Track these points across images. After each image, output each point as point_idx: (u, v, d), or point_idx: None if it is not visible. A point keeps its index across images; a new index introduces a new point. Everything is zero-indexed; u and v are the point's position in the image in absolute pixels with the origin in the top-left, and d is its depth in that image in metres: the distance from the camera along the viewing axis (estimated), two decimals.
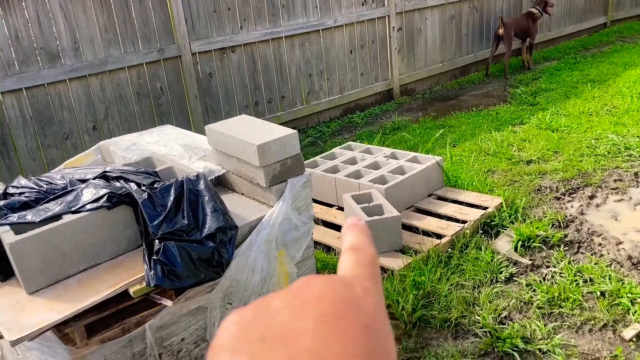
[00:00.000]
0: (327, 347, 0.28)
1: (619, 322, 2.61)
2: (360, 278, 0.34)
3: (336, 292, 0.31)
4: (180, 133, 3.08)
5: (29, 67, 4.07)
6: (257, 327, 0.29)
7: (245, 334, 0.29)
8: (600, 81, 6.45)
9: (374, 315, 0.31)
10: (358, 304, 0.31)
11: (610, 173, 4.13)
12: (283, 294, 0.32)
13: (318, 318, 0.29)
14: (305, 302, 0.30)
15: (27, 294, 1.93)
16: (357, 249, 0.36)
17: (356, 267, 0.35)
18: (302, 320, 0.29)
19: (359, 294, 0.32)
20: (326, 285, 0.32)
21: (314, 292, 0.31)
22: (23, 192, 2.20)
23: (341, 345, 0.28)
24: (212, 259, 2.06)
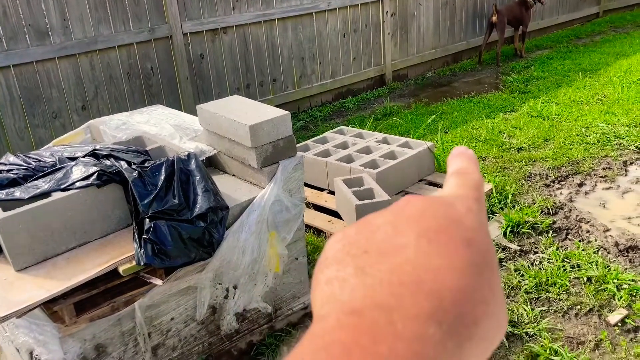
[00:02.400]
0: (429, 259, 0.28)
1: (604, 307, 2.64)
2: (464, 198, 0.33)
3: (437, 210, 0.31)
4: (171, 113, 3.05)
5: (17, 44, 4.00)
6: (360, 242, 0.30)
7: (350, 248, 0.30)
8: (592, 70, 6.47)
9: (476, 231, 0.31)
10: (460, 220, 0.31)
11: (600, 161, 4.16)
12: (384, 213, 0.31)
13: (419, 233, 0.29)
14: (406, 219, 0.30)
15: (15, 271, 1.91)
16: (462, 173, 0.36)
17: (460, 188, 0.34)
18: (403, 235, 0.29)
19: (461, 211, 0.32)
20: (428, 203, 0.31)
21: (415, 210, 0.31)
22: (11, 169, 2.18)
23: (442, 257, 0.28)
24: (202, 238, 2.06)
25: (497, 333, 0.29)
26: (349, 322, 0.26)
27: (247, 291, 2.39)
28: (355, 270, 0.28)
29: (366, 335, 0.25)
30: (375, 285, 0.27)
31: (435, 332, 0.25)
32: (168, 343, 2.22)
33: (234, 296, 2.35)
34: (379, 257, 0.28)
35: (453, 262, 0.28)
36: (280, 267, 2.49)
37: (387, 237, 0.29)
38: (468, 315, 0.27)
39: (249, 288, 2.39)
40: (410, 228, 0.30)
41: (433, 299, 0.26)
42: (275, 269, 2.47)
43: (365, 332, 0.25)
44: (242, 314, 2.42)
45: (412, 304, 0.26)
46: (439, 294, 0.26)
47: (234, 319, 2.39)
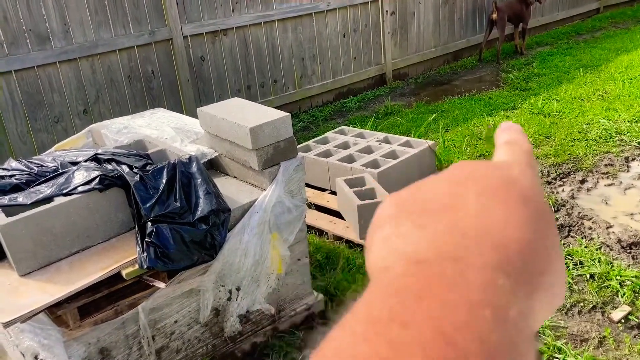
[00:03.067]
0: (490, 213, 0.28)
1: (607, 304, 2.64)
2: (517, 162, 0.34)
3: (493, 171, 0.31)
4: (172, 116, 3.06)
5: (18, 49, 4.02)
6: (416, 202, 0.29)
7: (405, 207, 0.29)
8: (593, 66, 6.46)
9: (531, 190, 0.31)
10: (515, 180, 0.31)
11: (601, 158, 4.16)
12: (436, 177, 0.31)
13: (477, 190, 0.29)
14: (462, 180, 0.30)
15: (19, 276, 1.92)
16: (513, 142, 0.36)
17: (512, 155, 0.35)
18: (461, 193, 0.29)
19: (515, 172, 0.32)
20: (482, 166, 0.32)
21: (470, 171, 0.31)
22: (14, 175, 2.19)
23: (503, 212, 0.28)
24: (204, 241, 2.06)
25: (561, 287, 0.30)
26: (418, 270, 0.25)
27: (250, 293, 2.40)
28: (413, 225, 0.28)
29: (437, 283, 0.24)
30: (439, 238, 0.26)
31: (504, 282, 0.25)
32: (172, 345, 2.22)
33: (237, 298, 2.36)
34: (437, 213, 0.28)
35: (514, 217, 0.28)
36: (282, 269, 2.50)
37: (445, 196, 0.29)
38: (534, 266, 0.27)
39: (252, 290, 2.40)
40: (467, 186, 0.29)
41: (499, 251, 0.26)
42: (277, 270, 2.48)
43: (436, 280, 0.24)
44: (245, 316, 2.43)
45: (479, 254, 0.26)
46: (504, 246, 0.26)
47: (237, 321, 2.40)
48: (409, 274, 0.25)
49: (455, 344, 0.22)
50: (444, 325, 0.22)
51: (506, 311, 0.24)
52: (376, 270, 0.28)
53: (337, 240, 3.37)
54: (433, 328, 0.22)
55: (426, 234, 0.27)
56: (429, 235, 0.27)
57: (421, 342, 0.22)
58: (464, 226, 0.27)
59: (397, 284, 0.25)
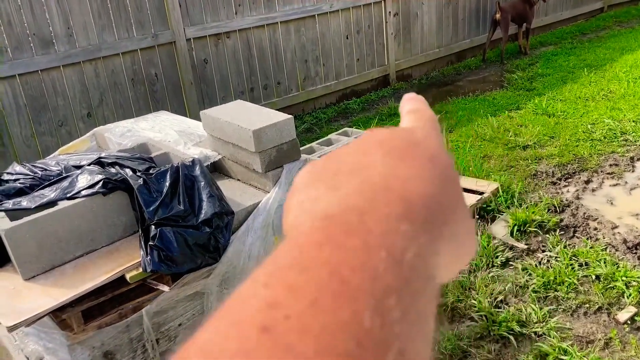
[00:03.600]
0: (397, 170, 0.30)
1: (613, 305, 2.62)
2: (421, 127, 0.36)
3: (399, 135, 0.33)
4: (176, 119, 3.06)
5: (22, 53, 4.03)
6: (329, 167, 0.31)
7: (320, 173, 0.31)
8: (597, 66, 6.44)
9: (435, 149, 0.33)
10: (421, 142, 0.33)
11: (606, 158, 4.14)
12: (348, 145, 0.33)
13: (385, 152, 0.31)
14: (372, 143, 0.32)
15: (23, 280, 1.93)
16: (416, 111, 0.38)
17: (416, 121, 0.37)
18: (371, 155, 0.31)
19: (420, 136, 0.34)
20: (389, 131, 0.34)
21: (379, 136, 0.33)
22: (18, 179, 2.19)
23: (410, 169, 0.30)
24: (208, 244, 2.06)
25: (467, 239, 0.32)
26: (323, 224, 0.27)
27: None
28: (326, 188, 0.29)
29: (339, 232, 0.26)
30: (349, 194, 0.28)
31: (407, 229, 0.26)
32: (176, 349, 2.22)
33: None
34: (348, 175, 0.30)
35: (420, 173, 0.30)
36: None
37: (355, 159, 0.31)
38: (438, 216, 0.29)
39: None
40: (376, 150, 0.31)
41: (404, 202, 0.28)
42: None
43: (338, 230, 0.26)
44: None
45: (384, 205, 0.27)
46: (409, 198, 0.28)
47: None
48: (314, 228, 0.26)
49: (348, 283, 0.23)
50: (340, 267, 0.24)
51: (403, 253, 0.25)
52: (289, 230, 0.29)
53: None
54: (329, 270, 0.24)
55: (336, 193, 0.29)
56: (339, 194, 0.28)
57: (317, 283, 0.23)
58: (372, 183, 0.29)
59: (302, 237, 0.26)
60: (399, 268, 0.25)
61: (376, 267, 0.24)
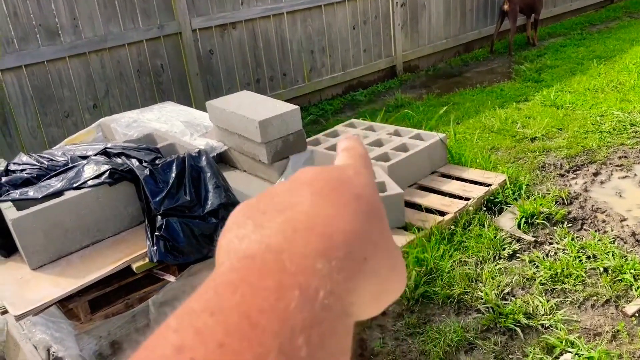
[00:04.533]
0: (321, 209, 0.30)
1: (621, 298, 2.61)
2: (352, 165, 0.37)
3: (329, 173, 0.34)
4: (182, 110, 3.05)
5: (28, 44, 4.03)
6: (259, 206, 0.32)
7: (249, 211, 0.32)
8: (607, 57, 6.37)
9: (365, 188, 0.34)
10: (349, 180, 0.34)
11: (615, 150, 4.10)
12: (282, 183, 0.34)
13: (313, 191, 0.32)
14: (301, 183, 0.33)
15: (31, 269, 1.93)
16: (349, 149, 0.40)
17: (348, 159, 0.38)
18: (299, 195, 0.32)
19: (350, 173, 0.35)
20: (320, 170, 0.35)
21: (309, 176, 0.34)
22: (24, 169, 2.19)
23: (334, 207, 0.31)
24: (214, 235, 2.06)
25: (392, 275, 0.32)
26: (241, 264, 0.27)
27: None
28: (253, 226, 0.30)
29: (254, 273, 0.26)
30: (271, 235, 0.29)
31: (323, 267, 0.27)
32: None
33: None
34: (275, 214, 0.30)
35: (344, 211, 0.31)
36: None
37: (284, 199, 0.32)
38: (357, 252, 0.29)
39: None
40: (305, 189, 0.32)
41: (324, 240, 0.28)
42: None
43: (254, 271, 0.26)
44: None
45: (303, 244, 0.28)
46: (329, 235, 0.29)
47: None
48: (232, 268, 0.27)
49: (257, 325, 0.24)
50: (250, 309, 0.24)
51: (317, 291, 0.26)
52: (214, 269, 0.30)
53: None
54: (239, 313, 0.24)
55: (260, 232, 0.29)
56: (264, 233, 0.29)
57: (225, 327, 0.23)
58: (295, 222, 0.29)
59: (218, 279, 0.27)
60: (310, 307, 0.25)
61: (287, 307, 0.25)
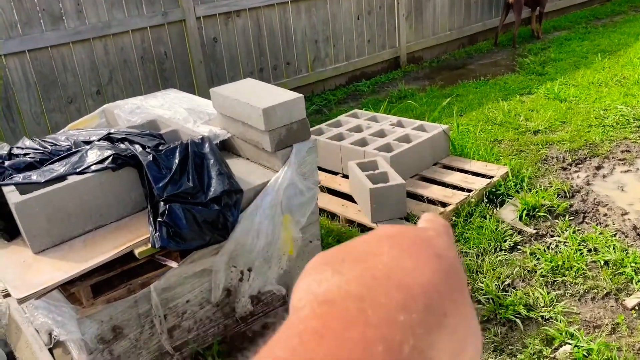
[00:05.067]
0: (401, 262, 0.31)
1: (622, 291, 2.61)
2: (434, 228, 0.38)
3: (410, 231, 0.35)
4: (185, 97, 3.05)
5: (32, 29, 4.02)
6: (338, 255, 0.33)
7: (329, 259, 0.33)
8: (611, 51, 6.34)
9: (446, 250, 0.34)
10: (430, 240, 0.35)
11: (618, 144, 4.09)
12: (361, 236, 0.35)
13: (393, 245, 0.33)
14: (381, 237, 0.34)
15: (33, 253, 1.94)
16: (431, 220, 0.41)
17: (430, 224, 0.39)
18: (378, 247, 0.33)
19: (431, 234, 0.36)
20: (401, 227, 0.35)
21: (389, 231, 0.35)
22: (28, 153, 2.20)
23: (414, 261, 0.31)
24: (217, 221, 2.06)
25: (467, 335, 0.32)
26: (322, 310, 0.28)
27: (262, 274, 2.40)
28: (332, 272, 0.31)
29: (338, 322, 0.27)
30: (350, 280, 0.30)
31: (405, 319, 0.27)
32: (184, 325, 2.24)
33: (248, 279, 2.36)
34: (354, 262, 0.31)
35: (424, 265, 0.31)
36: (294, 250, 2.50)
37: (363, 249, 0.33)
38: (437, 307, 0.29)
39: (264, 271, 2.40)
40: (385, 242, 0.33)
41: (403, 291, 0.29)
42: (289, 252, 2.48)
43: (337, 319, 0.27)
44: (256, 297, 2.44)
45: (383, 294, 0.28)
46: (408, 287, 0.29)
47: (248, 302, 2.41)
48: (314, 315, 0.28)
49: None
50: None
51: (401, 346, 0.26)
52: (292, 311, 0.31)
53: (348, 223, 3.36)
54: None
55: (340, 278, 0.30)
56: (342, 279, 0.30)
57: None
58: (375, 271, 0.30)
59: (303, 324, 0.27)
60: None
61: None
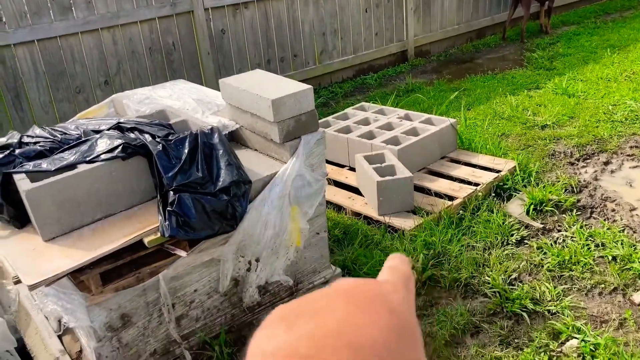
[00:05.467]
0: (354, 319, 0.32)
1: (629, 287, 2.61)
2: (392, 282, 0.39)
3: (367, 285, 0.36)
4: (193, 87, 3.05)
5: (41, 18, 4.02)
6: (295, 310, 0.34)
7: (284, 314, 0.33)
8: (621, 46, 6.30)
9: (400, 305, 0.35)
10: (386, 295, 0.35)
11: (627, 139, 4.07)
12: (320, 290, 0.36)
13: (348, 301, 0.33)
14: (338, 292, 0.34)
15: (43, 241, 1.95)
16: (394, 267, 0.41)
17: (391, 276, 0.40)
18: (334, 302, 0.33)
19: (388, 289, 0.37)
20: (359, 281, 0.36)
21: (346, 286, 0.35)
22: (38, 142, 2.21)
23: (367, 318, 0.32)
24: (226, 211, 2.07)
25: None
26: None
27: (269, 264, 2.41)
28: (285, 328, 0.32)
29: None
30: (300, 338, 0.30)
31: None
32: (191, 314, 2.25)
33: (256, 269, 2.37)
34: (308, 318, 0.32)
35: (375, 322, 0.32)
36: (301, 242, 2.50)
37: (319, 304, 0.33)
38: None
39: (271, 261, 2.41)
40: (340, 297, 0.34)
41: (351, 350, 0.29)
42: (296, 243, 2.48)
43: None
44: (264, 287, 2.45)
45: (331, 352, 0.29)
46: (358, 346, 0.30)
47: (256, 292, 2.42)
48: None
49: None
50: None
51: None
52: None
53: (355, 216, 3.36)
54: None
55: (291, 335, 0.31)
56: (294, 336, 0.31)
57: None
58: (326, 329, 0.31)
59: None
60: None
61: None
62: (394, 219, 3.16)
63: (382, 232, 3.12)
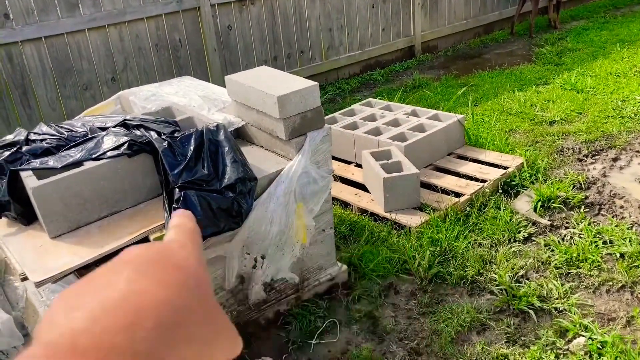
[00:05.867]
0: (136, 285, 0.32)
1: (637, 284, 2.59)
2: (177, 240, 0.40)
3: (151, 249, 0.36)
4: (200, 84, 3.05)
5: (48, 15, 4.03)
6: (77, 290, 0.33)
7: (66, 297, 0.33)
8: (630, 41, 6.24)
9: (187, 260, 0.36)
10: (171, 253, 0.36)
11: (636, 135, 4.03)
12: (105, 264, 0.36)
13: (132, 269, 0.34)
14: (123, 262, 0.35)
15: (50, 238, 1.96)
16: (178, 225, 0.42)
17: (176, 235, 0.41)
18: (118, 274, 0.33)
19: (173, 247, 0.38)
20: (142, 247, 0.36)
21: (130, 255, 0.36)
22: (44, 139, 2.21)
23: (150, 281, 0.33)
24: (231, 209, 2.07)
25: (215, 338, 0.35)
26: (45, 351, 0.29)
27: (275, 261, 2.41)
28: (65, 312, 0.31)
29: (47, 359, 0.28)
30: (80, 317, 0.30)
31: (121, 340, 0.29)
32: None
33: (262, 266, 2.37)
34: (92, 295, 0.32)
35: (161, 281, 0.33)
36: (307, 239, 2.50)
37: (103, 280, 0.33)
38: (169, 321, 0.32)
39: (277, 258, 2.41)
40: (125, 268, 0.34)
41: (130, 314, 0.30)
42: (302, 240, 2.48)
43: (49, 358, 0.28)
44: (270, 284, 2.45)
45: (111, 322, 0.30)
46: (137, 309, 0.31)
47: (262, 289, 2.42)
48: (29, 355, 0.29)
49: None
50: None
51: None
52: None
53: (361, 213, 3.36)
54: None
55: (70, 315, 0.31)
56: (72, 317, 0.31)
57: None
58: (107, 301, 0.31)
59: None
60: None
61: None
62: (401, 216, 3.16)
63: (389, 229, 3.11)
